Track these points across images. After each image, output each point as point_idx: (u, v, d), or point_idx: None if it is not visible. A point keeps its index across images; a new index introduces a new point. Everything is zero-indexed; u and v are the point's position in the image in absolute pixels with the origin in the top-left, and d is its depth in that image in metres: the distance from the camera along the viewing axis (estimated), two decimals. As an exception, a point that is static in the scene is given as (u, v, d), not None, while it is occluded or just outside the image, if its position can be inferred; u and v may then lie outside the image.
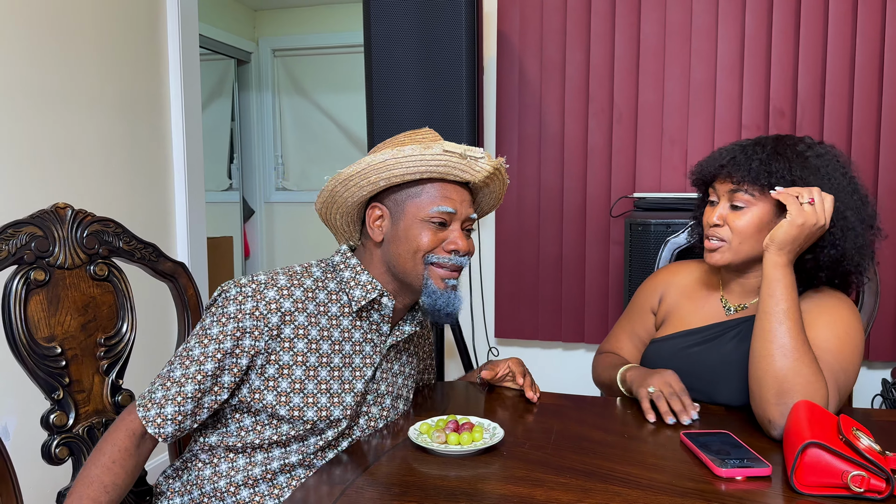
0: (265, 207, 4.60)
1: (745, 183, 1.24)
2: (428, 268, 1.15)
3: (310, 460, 1.14)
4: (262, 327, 1.09)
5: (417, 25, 2.06)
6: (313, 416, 1.11)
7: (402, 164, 1.11)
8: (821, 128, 2.14)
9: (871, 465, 0.90)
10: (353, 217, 1.22)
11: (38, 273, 1.21)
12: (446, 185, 1.15)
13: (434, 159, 1.11)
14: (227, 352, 1.09)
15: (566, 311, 2.41)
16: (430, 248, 1.14)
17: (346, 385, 1.14)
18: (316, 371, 1.12)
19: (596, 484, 0.97)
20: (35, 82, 2.03)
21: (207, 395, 1.09)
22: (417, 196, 1.15)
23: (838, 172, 1.24)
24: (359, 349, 1.17)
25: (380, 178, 1.13)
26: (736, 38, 2.21)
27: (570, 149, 2.38)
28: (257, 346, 1.10)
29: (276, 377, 1.11)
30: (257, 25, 4.51)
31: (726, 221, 1.27)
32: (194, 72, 2.76)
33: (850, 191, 1.24)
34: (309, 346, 1.12)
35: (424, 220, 1.14)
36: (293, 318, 1.12)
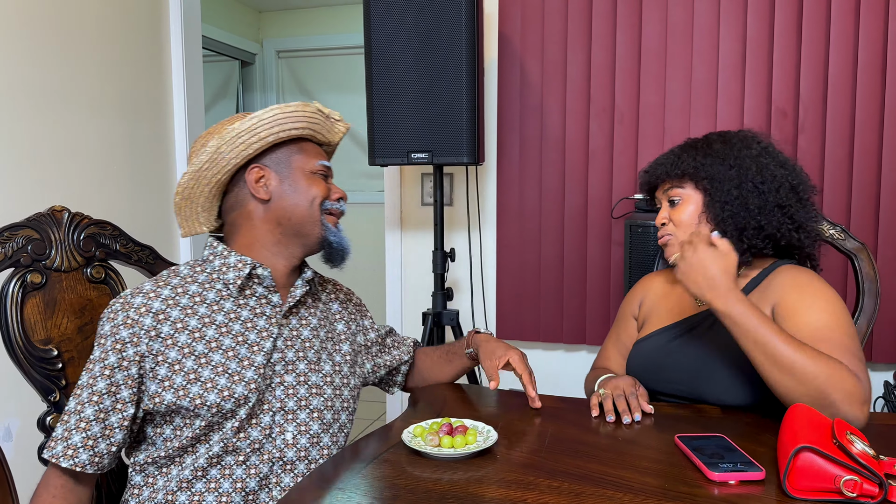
0: (269, 208, 4.61)
1: (668, 180, 1.40)
2: (323, 215, 1.25)
3: (233, 445, 1.14)
4: (138, 332, 1.12)
5: (417, 27, 2.06)
6: (216, 398, 1.11)
7: (290, 118, 1.20)
8: (823, 127, 2.13)
9: (863, 470, 0.90)
10: (220, 189, 1.24)
11: (34, 276, 1.22)
12: (316, 145, 1.29)
13: (313, 116, 1.24)
14: (113, 367, 1.11)
15: (568, 312, 2.41)
16: (326, 193, 1.25)
17: (245, 361, 1.15)
18: (207, 357, 1.13)
19: (588, 488, 0.96)
20: (36, 83, 2.04)
21: (112, 413, 1.11)
22: (300, 152, 1.25)
23: (745, 154, 1.35)
24: (251, 325, 1.19)
25: (269, 134, 1.19)
26: (737, 39, 2.20)
27: (572, 150, 2.37)
28: (140, 350, 1.11)
29: (169, 375, 1.11)
30: (261, 27, 4.52)
31: (670, 219, 1.40)
32: (197, 74, 2.77)
33: (755, 170, 1.33)
34: (192, 336, 1.14)
35: (313, 173, 1.24)
36: (167, 316, 1.14)
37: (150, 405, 1.12)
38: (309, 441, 1.19)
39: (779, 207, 1.34)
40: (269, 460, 1.16)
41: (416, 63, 2.07)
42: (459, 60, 2.03)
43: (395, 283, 2.62)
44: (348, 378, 1.30)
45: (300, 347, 1.23)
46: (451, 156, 2.09)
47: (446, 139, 2.08)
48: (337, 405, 1.25)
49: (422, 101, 2.08)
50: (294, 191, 1.22)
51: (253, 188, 1.21)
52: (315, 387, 1.21)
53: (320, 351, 1.26)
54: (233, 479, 1.14)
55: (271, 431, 1.16)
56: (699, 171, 1.36)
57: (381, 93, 2.11)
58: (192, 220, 1.27)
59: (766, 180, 1.34)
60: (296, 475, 1.17)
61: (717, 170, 1.35)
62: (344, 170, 4.45)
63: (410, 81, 2.08)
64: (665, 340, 1.41)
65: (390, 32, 2.09)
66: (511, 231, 2.44)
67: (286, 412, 1.18)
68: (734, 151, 1.36)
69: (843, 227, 1.60)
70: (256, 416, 1.16)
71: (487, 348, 1.36)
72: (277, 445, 1.16)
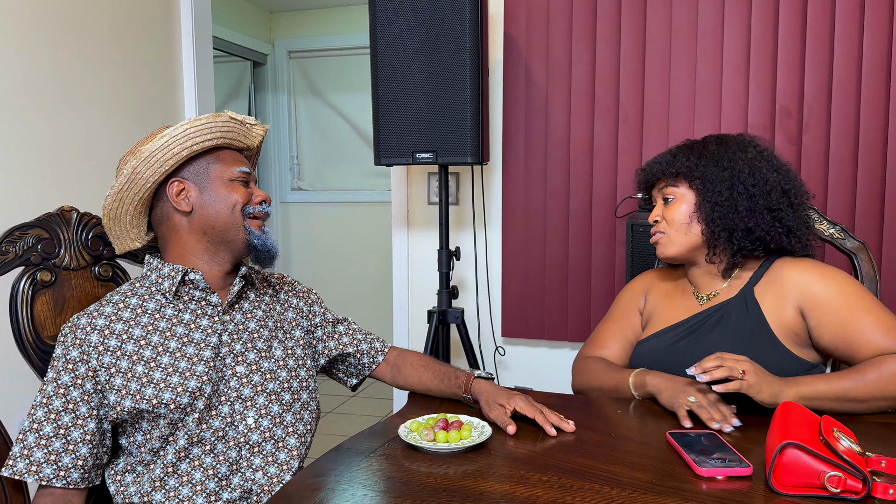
0: (281, 207, 4.66)
1: (663, 178, 1.42)
2: (246, 220, 1.27)
3: (197, 436, 1.18)
4: (86, 349, 1.17)
5: (422, 27, 2.09)
6: (171, 395, 1.16)
7: (201, 131, 1.22)
8: (828, 127, 2.13)
9: (847, 466, 0.91)
10: (144, 206, 1.27)
11: (44, 274, 1.25)
12: (233, 151, 1.30)
13: (225, 125, 1.26)
14: (67, 385, 1.16)
15: (573, 310, 2.43)
16: (246, 199, 1.27)
17: (195, 358, 1.20)
18: (156, 361, 1.18)
19: (577, 482, 0.98)
20: (48, 85, 2.09)
21: (73, 429, 1.15)
22: (217, 162, 1.27)
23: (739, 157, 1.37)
24: (195, 325, 1.24)
25: (183, 149, 1.21)
26: (742, 38, 2.21)
27: (576, 150, 2.39)
28: (91, 365, 1.16)
29: (125, 384, 1.16)
30: (273, 27, 4.56)
31: (662, 216, 1.43)
32: (208, 75, 2.81)
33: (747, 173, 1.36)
34: (138, 344, 1.19)
35: (231, 181, 1.26)
36: (112, 330, 1.19)
37: (114, 415, 1.17)
38: (271, 422, 1.24)
39: (769, 211, 1.36)
40: (236, 445, 1.20)
41: (421, 64, 2.10)
42: (463, 61, 2.06)
43: (402, 281, 2.65)
44: (303, 359, 1.34)
45: (248, 339, 1.27)
46: (456, 156, 2.11)
47: (451, 139, 2.10)
48: (294, 385, 1.29)
49: (427, 101, 2.10)
50: (214, 200, 1.25)
51: (174, 201, 1.24)
52: (269, 372, 1.26)
53: (270, 339, 1.30)
54: (203, 468, 1.18)
55: (232, 419, 1.21)
56: (692, 171, 1.38)
57: (386, 93, 2.14)
58: (124, 238, 1.30)
59: (758, 183, 1.36)
60: (265, 455, 1.22)
61: (709, 171, 1.37)
62: (354, 169, 4.49)
63: (415, 82, 2.11)
64: (670, 341, 1.42)
65: (396, 33, 2.12)
66: (516, 230, 2.46)
67: (244, 400, 1.22)
68: (728, 153, 1.38)
69: (842, 227, 1.60)
70: (216, 408, 1.20)
71: (488, 399, 1.26)
72: (241, 431, 1.21)
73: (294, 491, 1.00)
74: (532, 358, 2.54)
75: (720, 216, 1.36)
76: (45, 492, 1.14)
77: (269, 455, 1.22)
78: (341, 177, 4.54)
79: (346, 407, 3.81)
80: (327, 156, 4.57)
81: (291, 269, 4.65)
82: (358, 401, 3.86)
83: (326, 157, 4.57)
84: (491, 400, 1.25)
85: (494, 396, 1.25)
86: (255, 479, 1.20)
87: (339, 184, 4.55)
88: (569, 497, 0.94)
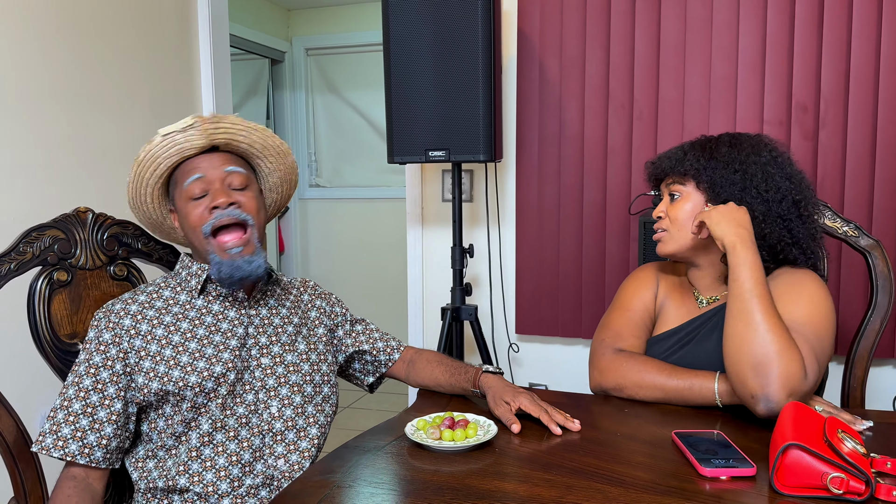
0: (299, 204, 4.69)
1: (671, 175, 1.40)
2: (209, 241, 1.24)
3: (221, 422, 1.22)
4: (119, 332, 1.21)
5: (435, 25, 2.09)
6: (197, 378, 1.20)
7: (147, 166, 1.24)
8: (845, 122, 2.11)
9: (850, 468, 0.91)
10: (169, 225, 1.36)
11: (60, 274, 1.28)
12: (191, 160, 1.26)
13: (161, 148, 1.23)
14: (98, 366, 1.20)
15: (587, 307, 2.42)
16: (200, 221, 1.23)
17: (221, 346, 1.25)
18: (184, 346, 1.23)
19: (580, 481, 0.99)
20: (66, 84, 2.12)
21: (100, 408, 1.19)
22: (176, 184, 1.27)
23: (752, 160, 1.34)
24: (223, 316, 1.28)
25: (146, 190, 1.27)
26: (757, 33, 2.19)
27: (590, 146, 2.38)
28: (123, 347, 1.21)
29: (153, 366, 1.20)
30: (291, 25, 4.59)
31: (667, 213, 1.40)
32: (225, 73, 2.84)
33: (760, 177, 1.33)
34: (168, 330, 1.24)
35: (189, 199, 1.24)
36: (144, 316, 1.24)
37: (140, 397, 1.21)
38: (294, 412, 1.28)
39: (780, 219, 1.33)
40: (260, 433, 1.24)
41: (434, 62, 2.10)
42: (476, 59, 2.06)
43: (416, 278, 2.66)
44: (325, 355, 1.37)
45: (273, 333, 1.31)
46: (468, 153, 2.11)
47: (463, 137, 2.11)
48: (317, 378, 1.33)
49: (439, 99, 2.11)
50: (186, 224, 1.27)
51: (176, 227, 1.33)
52: (292, 365, 1.30)
53: (294, 335, 1.34)
54: (227, 454, 1.22)
55: (256, 407, 1.25)
56: (701, 174, 1.36)
57: (399, 91, 2.15)
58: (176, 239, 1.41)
59: (770, 189, 1.33)
60: (287, 443, 1.26)
61: (719, 174, 1.34)
62: (371, 165, 4.51)
63: (428, 80, 2.12)
64: (671, 345, 1.41)
65: (408, 31, 2.12)
66: (530, 227, 2.47)
67: (268, 390, 1.27)
68: (741, 156, 1.35)
69: (856, 225, 1.59)
70: (240, 396, 1.24)
71: (494, 396, 1.26)
72: (265, 419, 1.25)
73: (301, 488, 1.01)
74: (546, 355, 2.54)
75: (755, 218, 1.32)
76: (68, 474, 1.17)
77: (291, 443, 1.26)
78: (359, 173, 4.57)
79: (363, 402, 3.84)
80: (345, 152, 4.59)
81: (310, 266, 4.69)
82: (374, 397, 3.88)
83: (344, 153, 4.60)
84: (497, 396, 1.25)
85: (501, 393, 1.26)
86: (276, 466, 1.24)
87: (356, 180, 4.58)
88: (571, 496, 0.95)
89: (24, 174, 1.98)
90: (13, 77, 1.94)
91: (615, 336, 1.43)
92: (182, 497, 1.20)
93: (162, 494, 1.21)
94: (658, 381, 1.30)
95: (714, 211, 1.28)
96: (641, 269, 1.56)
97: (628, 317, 1.47)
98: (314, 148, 4.66)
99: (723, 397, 1.25)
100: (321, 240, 4.67)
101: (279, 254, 4.67)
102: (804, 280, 1.32)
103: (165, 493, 1.21)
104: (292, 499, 0.99)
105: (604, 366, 1.38)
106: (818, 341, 1.23)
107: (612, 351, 1.39)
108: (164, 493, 1.21)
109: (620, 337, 1.43)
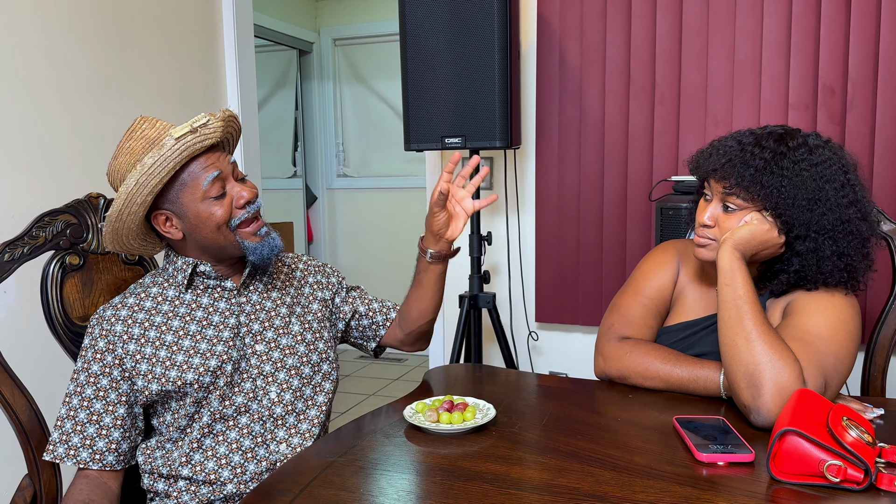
0: (327, 194, 4.73)
1: (737, 188, 1.22)
2: (237, 232, 1.23)
3: (220, 413, 1.24)
4: (112, 339, 1.22)
5: (451, 12, 2.08)
6: (194, 375, 1.21)
7: (152, 175, 1.15)
8: (874, 106, 2.04)
9: (850, 456, 0.88)
10: (143, 236, 1.26)
11: (72, 258, 1.31)
12: (198, 159, 1.20)
13: (173, 152, 1.15)
14: (97, 374, 1.21)
15: (607, 295, 2.40)
16: (226, 218, 1.22)
17: (214, 339, 1.25)
18: (178, 344, 1.23)
19: (573, 464, 0.98)
20: (91, 76, 2.17)
21: (105, 415, 1.21)
22: (185, 186, 1.20)
23: (830, 185, 1.20)
24: (213, 309, 1.27)
25: (144, 197, 1.17)
26: (782, 13, 2.12)
27: (611, 132, 2.35)
28: (118, 354, 1.21)
29: (150, 369, 1.21)
30: (318, 16, 4.62)
31: (717, 222, 1.27)
32: (249, 65, 2.87)
33: (842, 203, 1.21)
34: (160, 330, 1.23)
35: (206, 199, 1.20)
36: (134, 319, 1.24)
37: (143, 399, 1.23)
38: (293, 396, 1.29)
39: (834, 240, 1.22)
40: (260, 419, 1.25)
41: (451, 49, 2.10)
42: (491, 45, 2.05)
43: (437, 266, 2.66)
44: (320, 332, 1.37)
45: (265, 318, 1.31)
46: (485, 140, 2.10)
47: (479, 123, 2.10)
48: (314, 358, 1.33)
49: (455, 86, 2.10)
50: (198, 223, 1.21)
51: (165, 232, 1.23)
52: (288, 348, 1.31)
53: (288, 316, 1.34)
54: (227, 443, 1.24)
55: (255, 394, 1.26)
56: (768, 199, 1.21)
57: (415, 79, 2.15)
58: (145, 253, 1.33)
59: (840, 219, 1.21)
60: (288, 427, 1.27)
61: (789, 198, 1.20)
62: (398, 155, 4.52)
63: (444, 67, 2.11)
64: (686, 335, 1.36)
65: (425, 17, 2.12)
66: (550, 214, 2.45)
67: (265, 376, 1.27)
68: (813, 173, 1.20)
69: (879, 210, 1.54)
70: (238, 385, 1.25)
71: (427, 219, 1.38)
72: (265, 405, 1.26)
73: (296, 467, 1.02)
74: (566, 343, 2.52)
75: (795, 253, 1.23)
76: (82, 474, 1.21)
77: (291, 427, 1.28)
78: (386, 162, 4.58)
79: (366, 371, 3.86)
80: (372, 142, 4.61)
81: (338, 255, 4.73)
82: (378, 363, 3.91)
83: (371, 143, 4.61)
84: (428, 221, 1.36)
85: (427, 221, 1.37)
86: (279, 451, 1.25)
87: (383, 170, 4.59)
88: (561, 479, 0.94)
89: (51, 163, 2.03)
90: (45, 68, 1.98)
91: (624, 323, 1.39)
92: (187, 482, 1.23)
93: (166, 480, 1.24)
94: (662, 372, 1.27)
95: None
96: (661, 249, 1.47)
97: (641, 302, 1.41)
98: (342, 138, 4.68)
99: (728, 389, 1.20)
100: (349, 229, 4.71)
101: (308, 243, 4.72)
102: (834, 297, 1.24)
103: (169, 480, 1.24)
104: (287, 476, 1.00)
105: (608, 353, 1.35)
106: (832, 357, 1.16)
107: (617, 338, 1.36)
108: (167, 480, 1.24)
109: (630, 324, 1.38)
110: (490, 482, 0.94)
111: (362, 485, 0.95)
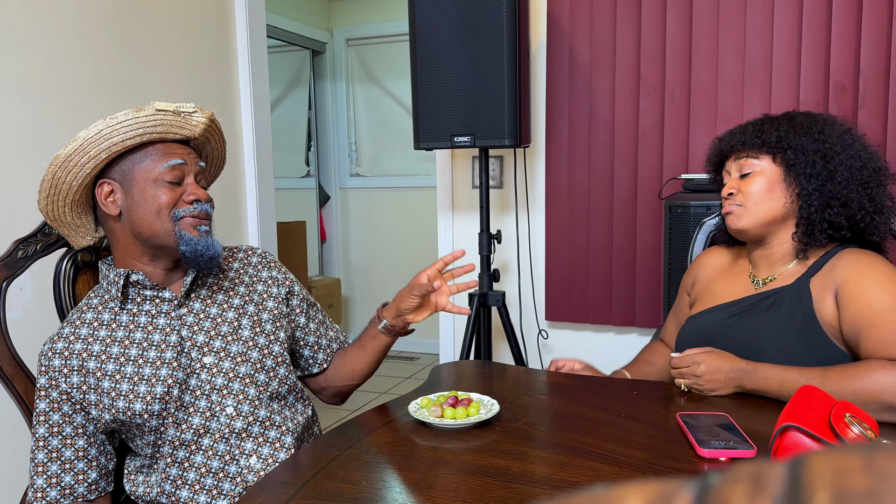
0: (340, 193, 4.76)
1: (744, 149, 1.34)
2: (177, 223, 1.16)
3: (178, 439, 1.17)
4: (53, 374, 1.16)
5: (461, 11, 2.09)
6: (141, 405, 1.15)
7: (118, 131, 1.11)
8: (886, 102, 2.02)
9: (851, 450, 0.88)
10: (81, 206, 1.21)
11: (84, 255, 1.34)
12: (168, 144, 1.17)
13: (149, 120, 1.13)
14: (47, 411, 1.17)
15: (617, 294, 2.40)
16: (171, 205, 1.16)
17: (158, 362, 1.17)
18: (121, 373, 1.16)
19: (575, 459, 0.99)
20: (104, 76, 2.20)
21: (64, 450, 1.17)
22: (143, 160, 1.16)
23: (830, 130, 1.31)
24: (152, 327, 1.19)
25: (100, 151, 1.12)
26: (793, 10, 2.11)
27: (621, 131, 2.35)
28: (62, 389, 1.16)
29: (98, 399, 1.16)
30: (331, 16, 4.64)
31: (739, 189, 1.35)
32: (262, 65, 2.89)
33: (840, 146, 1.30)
34: (99, 360, 1.16)
35: (157, 181, 1.15)
36: (71, 351, 1.17)
37: (102, 426, 1.18)
38: (251, 405, 1.20)
39: (861, 186, 1.29)
40: (222, 437, 1.17)
41: (460, 47, 2.11)
42: (500, 44, 2.05)
43: (447, 264, 2.67)
44: (274, 333, 1.27)
45: (210, 326, 1.22)
46: (494, 139, 2.11)
47: (489, 122, 2.11)
48: (268, 363, 1.24)
49: (465, 84, 2.11)
50: (140, 203, 1.15)
51: (102, 204, 1.17)
52: (239, 355, 1.21)
53: (238, 319, 1.24)
54: (195, 468, 1.17)
55: (212, 412, 1.18)
56: (781, 142, 1.31)
57: (425, 77, 2.16)
58: (73, 237, 1.26)
59: (852, 157, 1.29)
60: (254, 437, 1.19)
61: (801, 140, 1.30)
62: (410, 154, 4.53)
63: (454, 65, 2.12)
64: (720, 318, 1.38)
65: (435, 18, 2.13)
66: (560, 212, 2.45)
67: (219, 390, 1.18)
68: (818, 126, 1.32)
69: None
70: (192, 405, 1.17)
71: (400, 294, 1.34)
72: (223, 422, 1.18)
73: (302, 460, 1.04)
74: (576, 342, 2.52)
75: (817, 188, 1.29)
76: None
77: (258, 436, 1.19)
78: (398, 162, 4.59)
79: (377, 369, 3.88)
80: (384, 142, 4.63)
81: (350, 254, 4.75)
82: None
83: (384, 143, 4.63)
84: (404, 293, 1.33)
85: (400, 296, 1.34)
86: (250, 466, 1.17)
87: (396, 169, 4.61)
88: (562, 473, 0.95)
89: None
90: (58, 69, 2.02)
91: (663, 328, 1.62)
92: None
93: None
94: None
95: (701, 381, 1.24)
96: (700, 256, 1.58)
97: (672, 309, 1.59)
98: (354, 138, 4.71)
99: None
100: (361, 228, 4.73)
101: (321, 242, 4.74)
102: (872, 262, 1.26)
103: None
104: (293, 469, 1.02)
105: None
106: None
107: None
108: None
109: (664, 329, 1.60)
110: (492, 476, 0.95)
111: (366, 478, 0.97)
